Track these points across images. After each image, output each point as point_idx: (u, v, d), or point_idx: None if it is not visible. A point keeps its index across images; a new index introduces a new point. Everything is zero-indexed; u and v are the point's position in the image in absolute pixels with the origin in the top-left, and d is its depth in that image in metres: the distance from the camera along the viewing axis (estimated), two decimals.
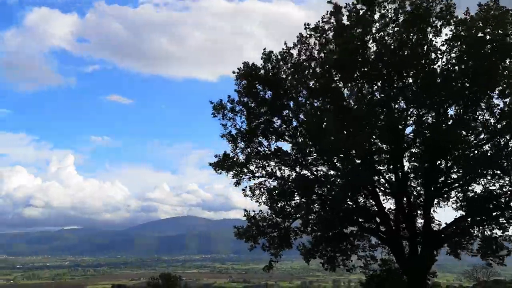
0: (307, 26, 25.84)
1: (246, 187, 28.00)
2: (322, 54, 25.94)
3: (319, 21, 25.64)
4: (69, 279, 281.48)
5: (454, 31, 23.28)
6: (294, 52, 26.25)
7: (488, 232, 24.80)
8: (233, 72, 26.95)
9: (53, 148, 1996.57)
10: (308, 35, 25.92)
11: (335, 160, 26.56)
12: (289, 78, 26.53)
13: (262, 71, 26.50)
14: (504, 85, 22.92)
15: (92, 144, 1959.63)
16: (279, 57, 26.48)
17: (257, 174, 27.81)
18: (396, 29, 24.07)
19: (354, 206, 27.04)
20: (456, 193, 25.76)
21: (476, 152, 24.18)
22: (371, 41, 24.59)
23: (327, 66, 25.37)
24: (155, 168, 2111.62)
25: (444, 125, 24.29)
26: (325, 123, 25.42)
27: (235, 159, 27.60)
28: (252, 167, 27.74)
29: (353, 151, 25.08)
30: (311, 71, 26.11)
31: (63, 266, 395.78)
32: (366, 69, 24.58)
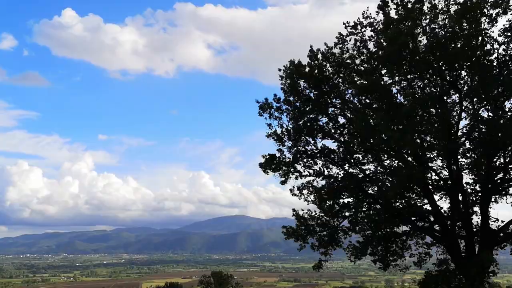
0: (347, 25, 25.36)
1: (293, 186, 27.84)
2: (365, 51, 25.43)
3: (358, 18, 25.14)
4: (125, 276, 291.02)
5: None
6: (336, 50, 25.87)
7: None
8: (279, 70, 26.88)
9: (87, 149, 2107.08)
10: (348, 33, 25.49)
11: (384, 158, 25.94)
12: (335, 76, 26.15)
13: (307, 69, 26.23)
14: None
15: (125, 144, 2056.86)
16: (322, 55, 26.13)
17: (304, 173, 27.59)
18: (447, 20, 23.17)
19: (405, 204, 26.32)
20: None
21: None
22: (421, 34, 23.80)
23: (374, 62, 24.79)
24: (191, 167, 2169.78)
25: (501, 119, 23.15)
26: (373, 120, 24.87)
27: (281, 158, 27.48)
28: (299, 166, 27.55)
29: (404, 148, 24.38)
30: (356, 68, 25.64)
31: (119, 264, 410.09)
32: (416, 62, 23.82)
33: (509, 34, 22.37)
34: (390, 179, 25.86)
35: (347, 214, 26.96)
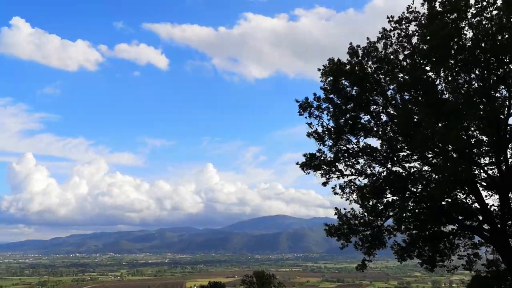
0: (391, 19, 24.94)
1: (335, 185, 27.53)
2: (409, 45, 24.91)
3: (403, 12, 24.65)
4: (169, 276, 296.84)
5: None
6: (379, 46, 25.46)
7: None
8: (318, 70, 26.70)
9: (112, 152, 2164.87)
10: (392, 28, 25.07)
11: (429, 155, 25.27)
12: (376, 72, 25.73)
13: (348, 67, 25.93)
14: None
15: (150, 145, 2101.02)
16: (364, 51, 25.80)
17: (346, 172, 27.24)
18: (494, 12, 22.32)
19: (452, 203, 25.54)
20: None
21: None
22: (466, 27, 23.04)
23: (418, 56, 24.22)
24: (219, 167, 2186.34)
25: None
26: (417, 117, 24.28)
27: (322, 157, 27.23)
28: (340, 166, 27.22)
29: (450, 145, 23.67)
30: (399, 63, 25.15)
31: (164, 263, 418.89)
32: (462, 56, 23.07)
33: None
34: (436, 176, 25.17)
35: (391, 213, 26.46)
